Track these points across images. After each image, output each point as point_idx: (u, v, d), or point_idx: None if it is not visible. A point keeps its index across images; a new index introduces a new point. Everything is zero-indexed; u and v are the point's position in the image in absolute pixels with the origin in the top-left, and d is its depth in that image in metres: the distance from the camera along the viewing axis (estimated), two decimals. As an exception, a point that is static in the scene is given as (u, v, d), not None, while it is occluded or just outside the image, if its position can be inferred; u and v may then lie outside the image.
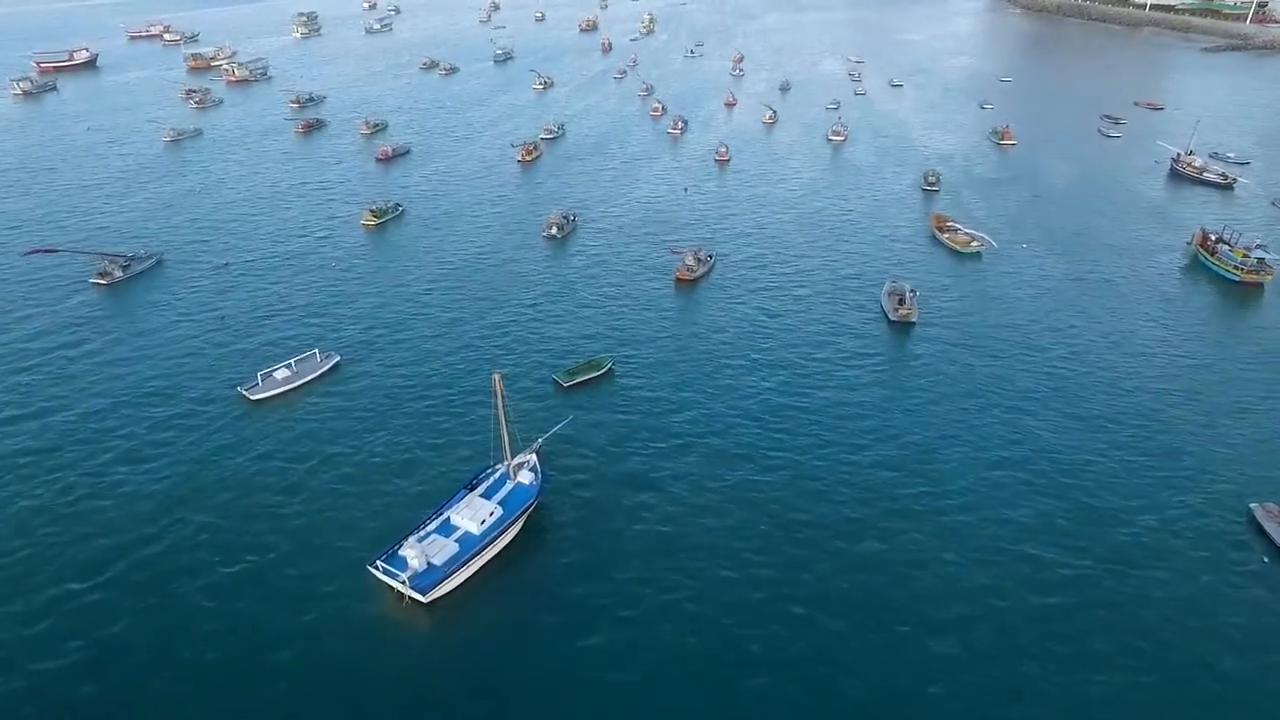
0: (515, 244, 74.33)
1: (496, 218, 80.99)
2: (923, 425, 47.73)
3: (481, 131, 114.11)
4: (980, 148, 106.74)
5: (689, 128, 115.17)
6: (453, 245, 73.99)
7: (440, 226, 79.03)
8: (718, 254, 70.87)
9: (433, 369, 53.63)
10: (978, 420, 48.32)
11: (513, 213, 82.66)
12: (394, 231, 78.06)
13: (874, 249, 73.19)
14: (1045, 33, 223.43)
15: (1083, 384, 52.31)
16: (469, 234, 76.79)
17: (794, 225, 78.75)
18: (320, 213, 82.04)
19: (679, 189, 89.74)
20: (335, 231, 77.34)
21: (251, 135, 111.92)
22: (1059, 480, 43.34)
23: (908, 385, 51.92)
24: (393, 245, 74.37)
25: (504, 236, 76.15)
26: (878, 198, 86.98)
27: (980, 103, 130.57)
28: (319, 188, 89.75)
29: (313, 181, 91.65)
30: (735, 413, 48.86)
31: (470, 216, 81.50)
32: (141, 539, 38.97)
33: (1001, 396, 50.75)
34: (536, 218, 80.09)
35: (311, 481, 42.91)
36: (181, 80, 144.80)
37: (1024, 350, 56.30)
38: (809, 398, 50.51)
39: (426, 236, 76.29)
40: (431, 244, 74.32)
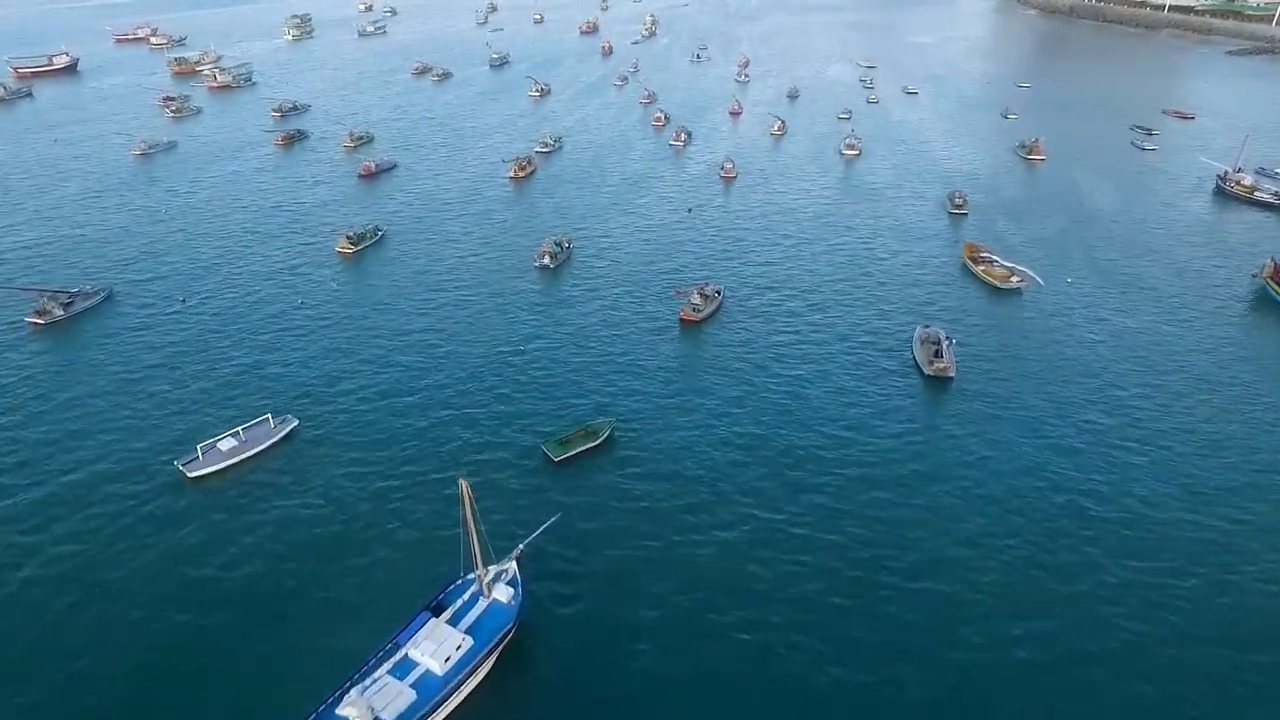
0: (504, 275, 66.78)
1: (484, 243, 73.42)
2: (976, 516, 40.23)
3: (473, 144, 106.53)
4: (1006, 163, 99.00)
5: (692, 139, 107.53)
6: (434, 277, 66.45)
7: (422, 253, 71.51)
8: (726, 288, 63.41)
9: (402, 440, 45.94)
10: (1040, 510, 40.84)
11: (502, 237, 75.15)
12: (372, 259, 70.56)
13: (900, 283, 65.56)
14: (1059, 34, 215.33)
15: (1171, 458, 44.79)
16: (453, 263, 69.28)
17: (808, 254, 71.14)
18: (293, 238, 74.51)
19: (682, 210, 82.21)
20: (307, 260, 69.83)
21: (228, 148, 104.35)
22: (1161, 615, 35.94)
23: (951, 461, 44.23)
24: (369, 277, 66.83)
25: (492, 266, 68.59)
26: (900, 222, 79.33)
27: (1002, 112, 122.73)
28: (295, 209, 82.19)
29: (288, 202, 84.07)
30: (748, 499, 41.24)
31: (456, 242, 73.97)
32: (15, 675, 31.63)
33: (1064, 477, 43.12)
34: (528, 244, 72.56)
35: (243, 597, 35.38)
36: (160, 87, 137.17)
37: (1084, 410, 48.69)
38: (835, 479, 42.74)
39: (406, 266, 68.77)
40: (411, 275, 66.79)
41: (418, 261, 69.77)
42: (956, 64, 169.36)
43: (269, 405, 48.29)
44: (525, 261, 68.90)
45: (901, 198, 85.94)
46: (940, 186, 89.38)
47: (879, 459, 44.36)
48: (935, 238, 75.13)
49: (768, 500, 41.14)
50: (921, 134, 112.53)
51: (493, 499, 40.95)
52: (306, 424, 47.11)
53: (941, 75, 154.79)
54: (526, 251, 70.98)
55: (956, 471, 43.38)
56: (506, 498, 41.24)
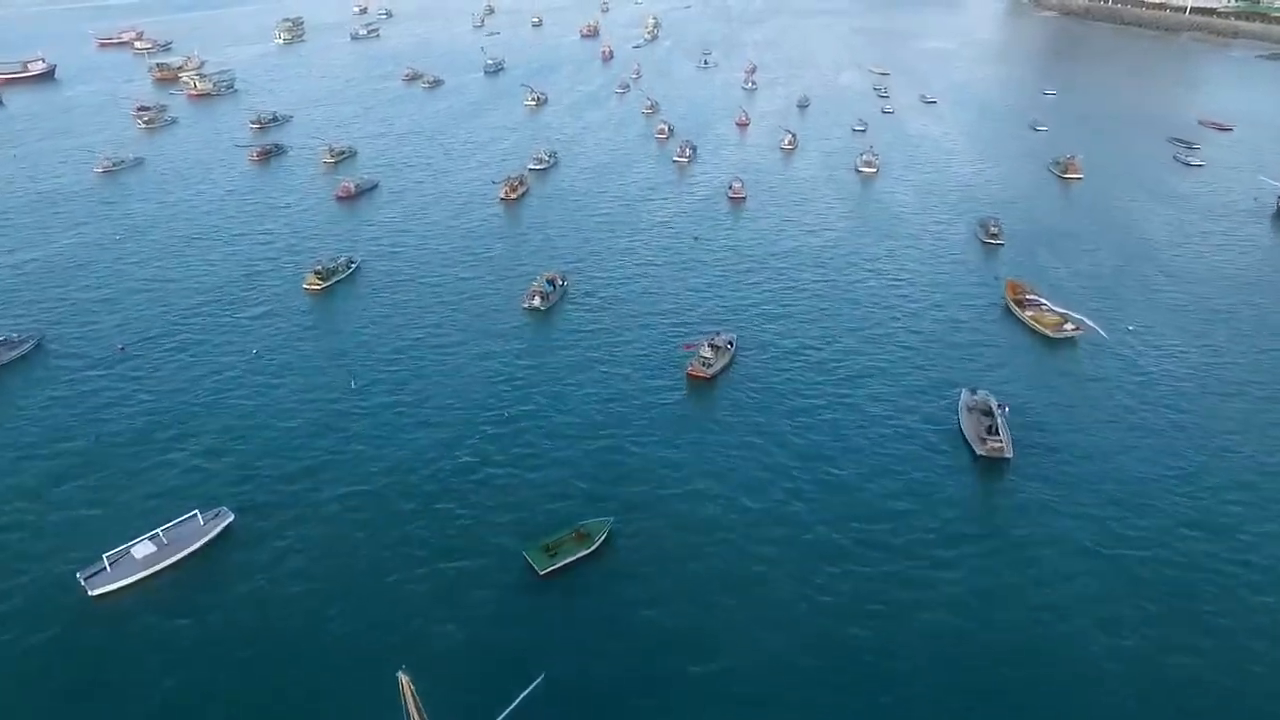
0: (488, 319, 58.71)
1: (468, 280, 65.24)
2: (1063, 660, 32.25)
3: (462, 160, 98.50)
4: (1041, 183, 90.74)
5: (698, 155, 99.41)
6: (410, 321, 58.40)
7: (398, 290, 63.50)
8: (739, 336, 55.40)
9: (355, 545, 37.88)
10: (1145, 654, 32.86)
11: (489, 271, 67.10)
12: (342, 297, 62.60)
13: (936, 333, 57.39)
14: (1076, 37, 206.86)
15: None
16: (431, 304, 61.24)
17: (829, 295, 62.81)
18: (257, 272, 66.48)
19: (687, 238, 74.20)
20: (270, 299, 61.83)
21: (199, 165, 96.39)
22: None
23: (1020, 585, 35.86)
24: (335, 321, 58.81)
25: (475, 308, 60.49)
26: (929, 253, 71.14)
27: (1030, 123, 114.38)
28: (262, 237, 74.14)
29: (256, 229, 76.02)
30: (772, 639, 33.26)
31: (437, 276, 65.93)
32: None
33: (1176, 616, 35.04)
34: (517, 280, 64.54)
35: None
36: (135, 96, 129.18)
37: (1169, 508, 40.48)
38: (883, 606, 34.57)
39: (379, 307, 60.73)
40: (383, 319, 58.74)
41: (392, 300, 61.74)
42: (974, 70, 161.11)
43: (202, 492, 40.51)
44: (513, 301, 60.89)
45: (927, 225, 77.73)
46: (969, 210, 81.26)
47: (928, 573, 36.37)
48: (971, 275, 66.94)
49: (796, 640, 33.12)
50: (943, 149, 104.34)
51: (461, 632, 33.16)
52: (246, 516, 39.29)
53: (960, 82, 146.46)
54: (515, 287, 62.98)
55: (1028, 595, 35.38)
56: (476, 630, 33.35)
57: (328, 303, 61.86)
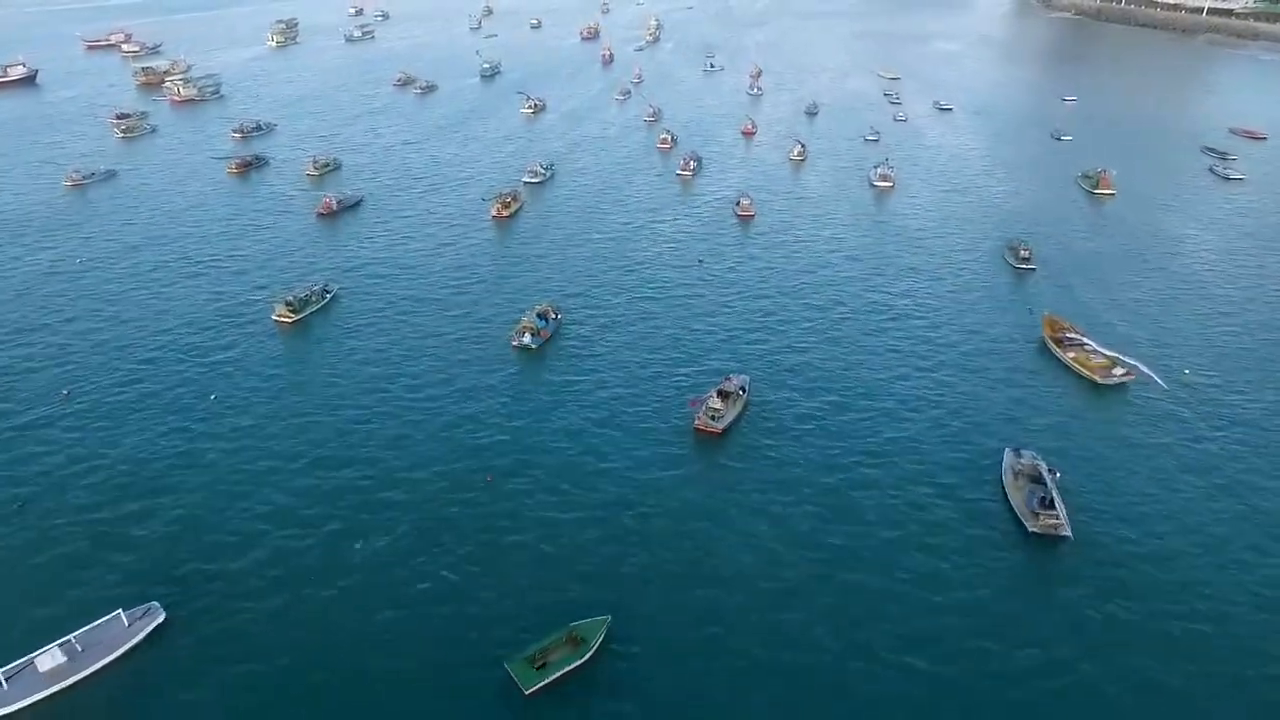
0: (474, 359, 52.66)
1: (452, 314, 59.03)
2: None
3: (453, 173, 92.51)
4: (1070, 199, 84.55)
5: (702, 167, 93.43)
6: (385, 365, 52.19)
7: (375, 325, 57.52)
8: (752, 380, 49.48)
9: (306, 651, 31.86)
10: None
11: (476, 301, 61.13)
12: (315, 332, 56.68)
13: (969, 374, 51.27)
14: (1089, 40, 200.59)
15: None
16: (411, 342, 55.25)
17: (848, 332, 56.72)
18: (226, 302, 60.60)
19: (692, 260, 68.31)
20: (236, 336, 55.94)
21: (175, 178, 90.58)
22: None
23: (1111, 701, 30.27)
24: (303, 363, 52.74)
25: (460, 347, 54.23)
26: (955, 280, 64.98)
27: (1052, 132, 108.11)
28: (235, 260, 68.24)
29: (229, 251, 70.05)
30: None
31: (418, 309, 59.91)
32: None
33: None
34: (506, 311, 58.66)
35: None
36: (114, 103, 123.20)
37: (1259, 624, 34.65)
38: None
39: (352, 345, 54.71)
40: (356, 363, 52.65)
41: (369, 337, 55.79)
42: (987, 74, 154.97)
43: (129, 585, 34.66)
44: (503, 337, 54.97)
45: (951, 247, 71.63)
46: (994, 230, 75.21)
47: (990, 694, 30.50)
48: (1002, 306, 60.81)
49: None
50: (962, 160, 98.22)
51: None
52: (180, 613, 33.43)
53: (973, 88, 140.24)
54: (505, 319, 57.06)
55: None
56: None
57: (298, 340, 55.85)
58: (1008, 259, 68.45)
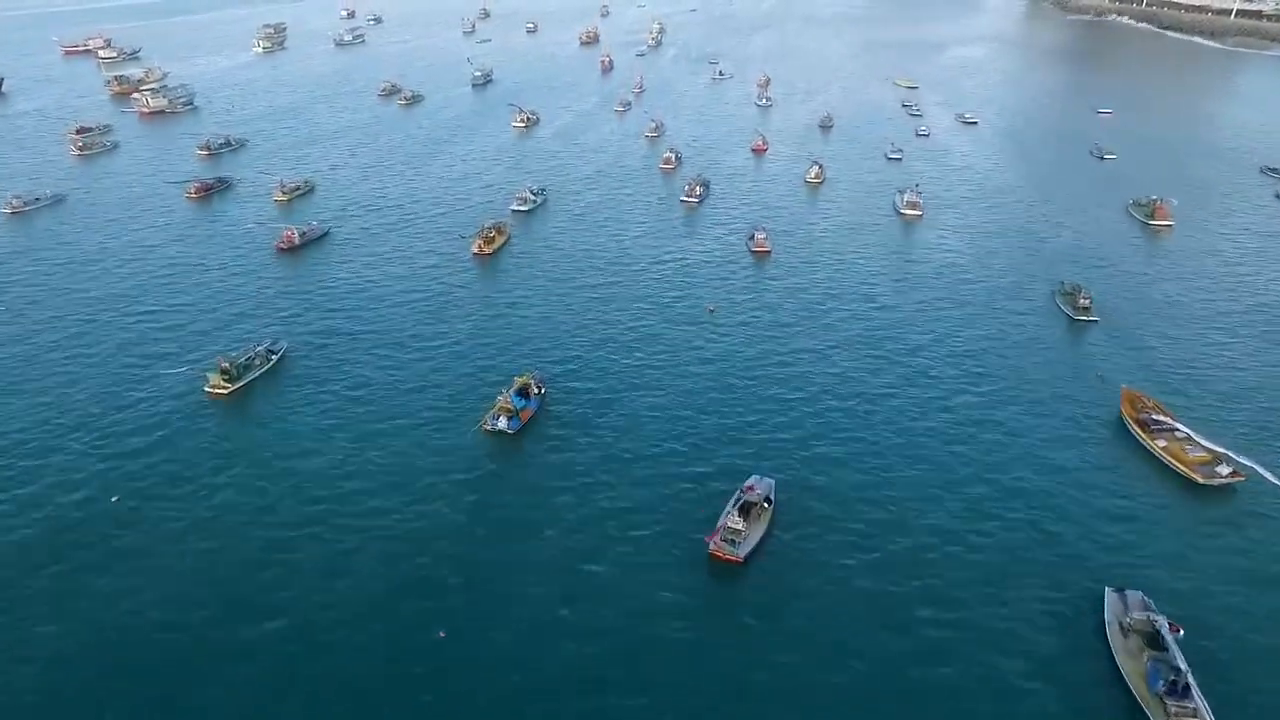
0: (436, 452, 42.69)
1: (415, 387, 49.09)
2: None
3: (434, 197, 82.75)
4: (1123, 232, 74.46)
5: (710, 192, 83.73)
6: (329, 453, 42.46)
7: (324, 398, 47.47)
8: (778, 485, 39.92)
9: None
10: None
11: (446, 365, 51.43)
12: (253, 408, 47.03)
13: (1041, 475, 41.11)
14: (1113, 44, 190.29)
15: None
16: (365, 421, 45.28)
17: (886, 404, 46.81)
18: (148, 369, 50.87)
19: (701, 308, 58.68)
20: (156, 411, 46.51)
21: (128, 203, 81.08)
22: None
23: None
24: (229, 459, 42.33)
25: (421, 433, 44.24)
26: (1006, 338, 54.86)
27: (1092, 149, 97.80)
28: (172, 312, 58.42)
29: (167, 299, 60.48)
30: None
31: (380, 375, 50.12)
32: None
33: None
34: (480, 380, 49.13)
35: None
36: (80, 115, 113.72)
37: None
38: None
39: (293, 427, 44.80)
40: (294, 452, 42.62)
41: (314, 416, 46.04)
42: (1011, 82, 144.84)
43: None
44: (474, 418, 45.37)
45: (995, 293, 61.56)
46: (1042, 270, 65.36)
47: None
48: (1067, 373, 50.54)
49: None
50: (995, 183, 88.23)
51: None
52: None
53: (998, 98, 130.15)
54: (479, 394, 47.52)
55: None
56: None
57: (231, 418, 46.19)
58: (1062, 306, 58.74)
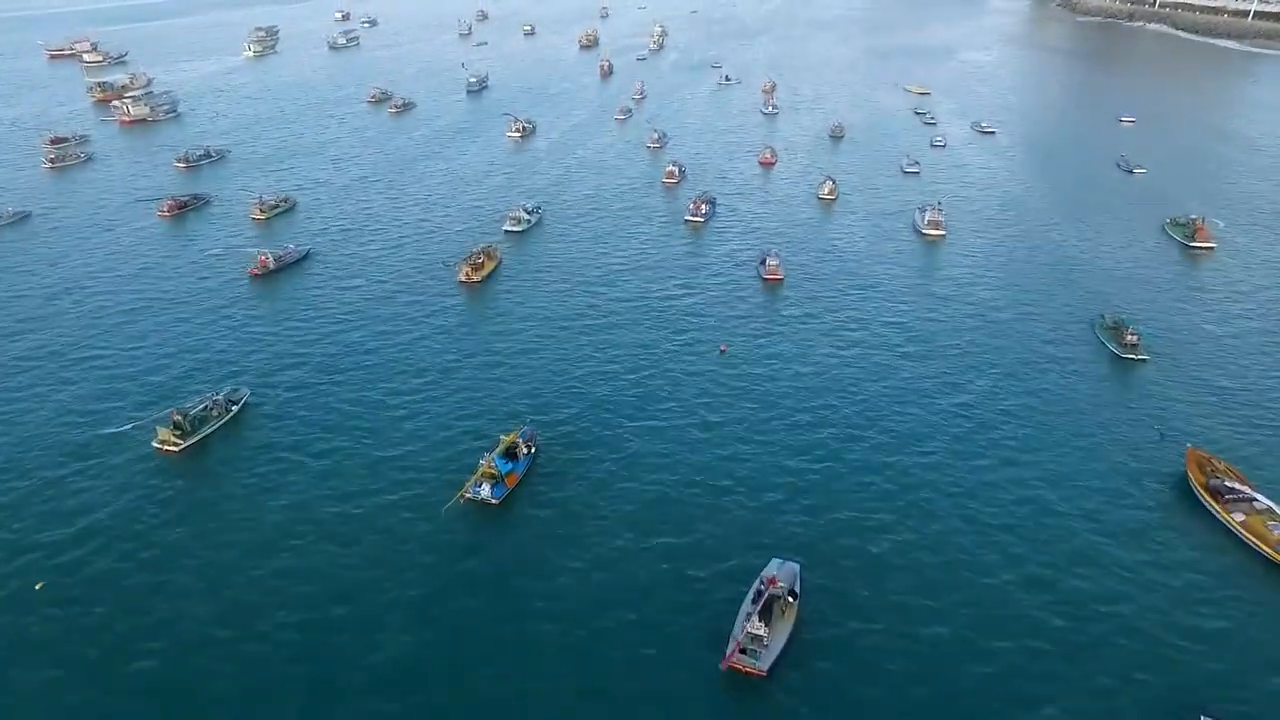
0: (408, 523, 37.25)
1: (389, 446, 43.15)
2: None
3: (420, 216, 76.80)
4: (1161, 254, 68.48)
5: (716, 210, 77.87)
6: (278, 547, 36.58)
7: (282, 459, 41.75)
8: (802, 570, 34.26)
9: None
10: None
11: (425, 415, 45.60)
12: (206, 469, 41.11)
13: (1093, 561, 35.53)
14: (1127, 48, 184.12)
15: None
16: (325, 499, 39.07)
17: (929, 478, 40.52)
18: (92, 421, 45.25)
19: (711, 349, 52.92)
20: (94, 472, 40.95)
21: (95, 223, 75.33)
22: None
23: None
24: (165, 550, 36.61)
25: (386, 514, 38.40)
26: (1049, 381, 48.60)
27: (1119, 162, 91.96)
28: (124, 355, 52.15)
29: (122, 340, 54.45)
30: None
31: (346, 433, 43.93)
32: None
33: None
34: (461, 438, 43.31)
35: None
36: (57, 123, 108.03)
37: None
38: None
39: (244, 504, 38.84)
40: (242, 534, 36.79)
41: (272, 485, 40.02)
42: (1025, 89, 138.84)
43: None
44: (456, 482, 39.62)
45: (1032, 326, 55.52)
46: (1078, 299, 59.51)
47: None
48: (1118, 421, 44.91)
49: None
50: (1019, 199, 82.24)
51: None
52: None
53: (1013, 105, 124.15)
54: (460, 458, 41.77)
55: None
56: None
57: (179, 481, 40.27)
58: (1106, 343, 52.91)
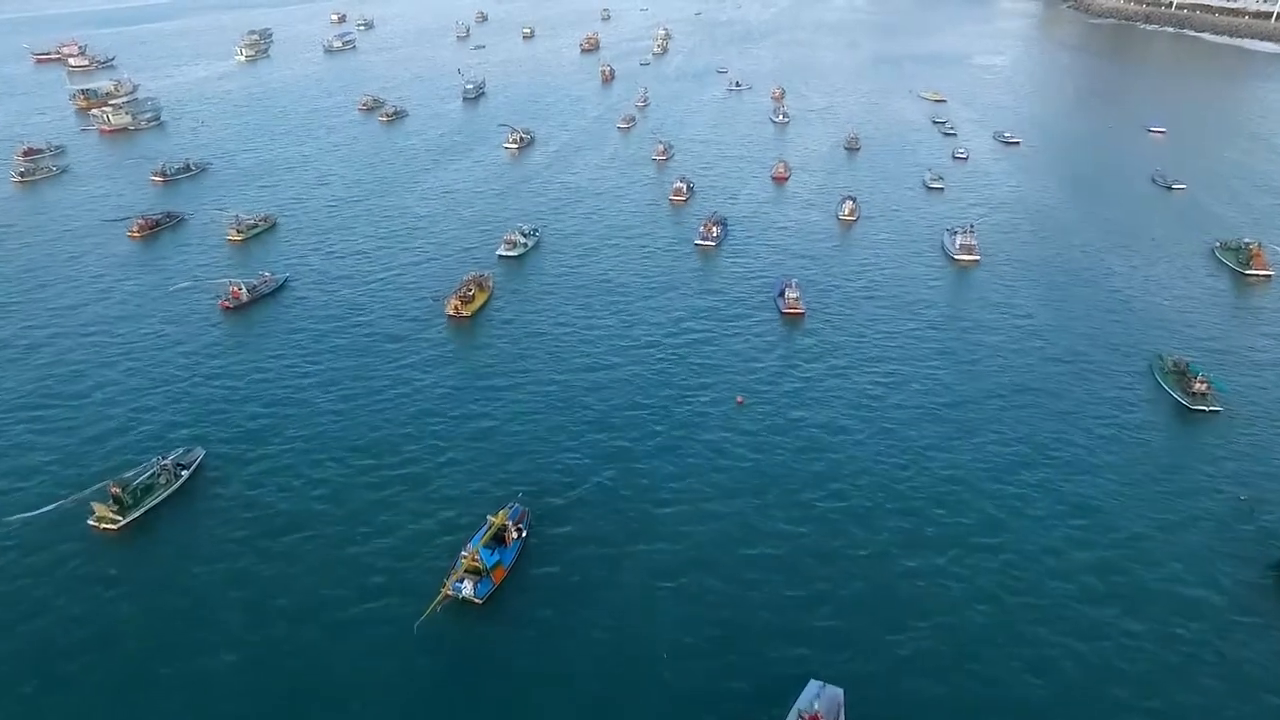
0: (370, 648, 31.36)
1: (356, 537, 36.69)
2: None
3: (405, 243, 70.30)
4: (1213, 284, 61.64)
5: (728, 232, 71.69)
6: (255, 626, 31.23)
7: (230, 548, 36.01)
8: (847, 696, 28.26)
9: None
10: None
11: (403, 485, 39.38)
12: (149, 549, 35.21)
13: (1189, 684, 30.13)
14: (1142, 50, 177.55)
15: None
16: (279, 601, 33.44)
17: (978, 560, 35.01)
18: (18, 495, 39.42)
19: (728, 398, 46.79)
20: (25, 550, 35.03)
21: (61, 245, 68.98)
22: None
23: None
24: (105, 639, 31.53)
25: (354, 619, 32.71)
26: (1113, 445, 42.27)
27: (1155, 177, 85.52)
28: (67, 408, 45.94)
29: (67, 387, 48.21)
30: None
31: (306, 511, 37.89)
32: None
33: None
34: (441, 520, 37.23)
35: None
36: (24, 136, 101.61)
37: None
38: None
39: (189, 596, 33.09)
40: (192, 622, 31.40)
41: (221, 574, 34.06)
42: (1045, 95, 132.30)
43: None
44: (434, 577, 33.55)
45: (1086, 374, 49.04)
46: (1129, 335, 53.26)
47: None
48: (1197, 497, 39.03)
49: None
50: (1052, 218, 75.79)
51: None
52: None
53: (1035, 114, 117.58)
54: (435, 530, 35.82)
55: None
56: None
57: (115, 570, 34.34)
58: (1170, 390, 46.62)
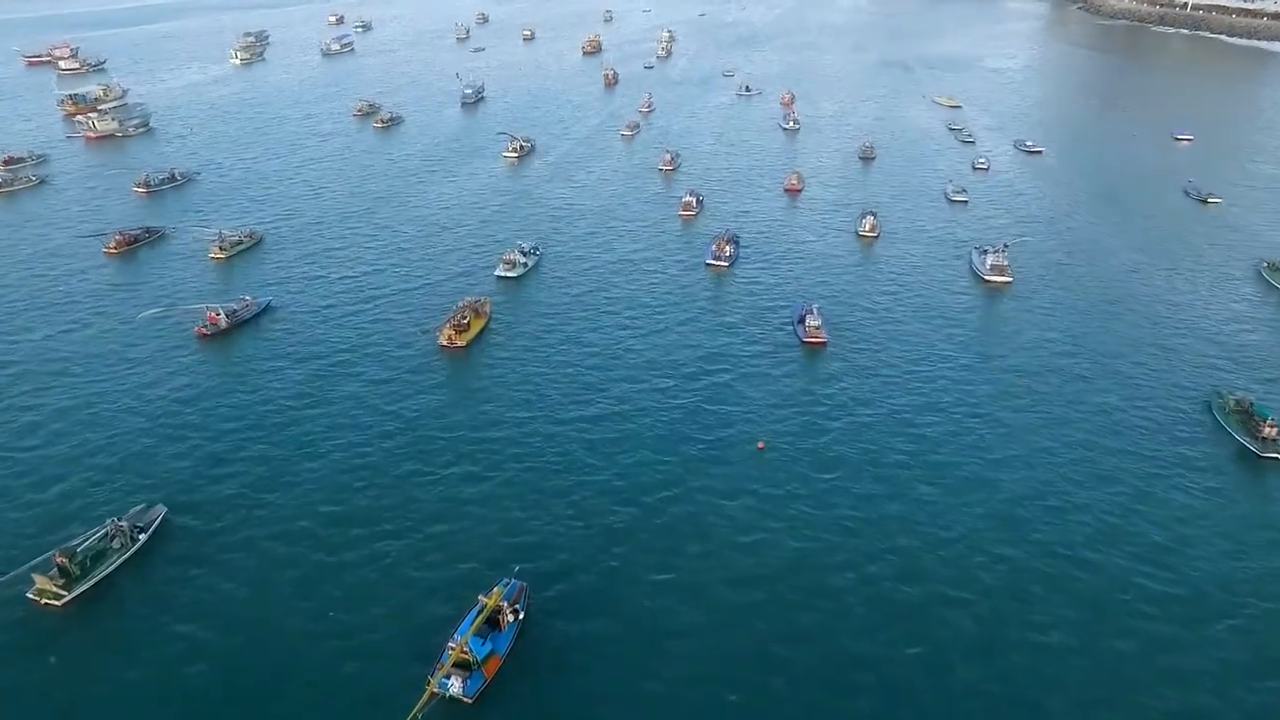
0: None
1: (326, 621, 32.37)
2: None
3: (397, 261, 65.48)
4: (1264, 307, 56.86)
5: (741, 251, 66.95)
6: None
7: (207, 604, 31.58)
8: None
9: None
10: None
11: (377, 571, 34.91)
12: (94, 628, 31.05)
13: None
14: (1157, 53, 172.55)
15: None
16: (243, 694, 29.53)
17: (1035, 645, 30.47)
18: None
19: (747, 440, 42.21)
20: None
21: (30, 264, 64.48)
22: None
23: None
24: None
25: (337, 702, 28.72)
26: (1180, 499, 38.25)
27: (1188, 189, 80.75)
28: (12, 462, 41.63)
29: (13, 439, 43.55)
30: None
31: (273, 590, 33.45)
32: None
33: None
34: (433, 590, 32.89)
35: None
36: (13, 142, 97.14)
37: None
38: None
39: (141, 685, 29.05)
40: None
41: (184, 644, 30.03)
42: (1063, 100, 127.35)
43: None
44: (418, 672, 28.99)
45: (1137, 415, 44.61)
46: (1182, 370, 48.55)
47: None
48: (1262, 546, 34.77)
49: None
50: (1083, 234, 71.00)
51: None
52: None
53: (1055, 120, 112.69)
54: (422, 624, 31.30)
55: None
56: None
57: (55, 656, 30.05)
58: (1235, 434, 41.97)
